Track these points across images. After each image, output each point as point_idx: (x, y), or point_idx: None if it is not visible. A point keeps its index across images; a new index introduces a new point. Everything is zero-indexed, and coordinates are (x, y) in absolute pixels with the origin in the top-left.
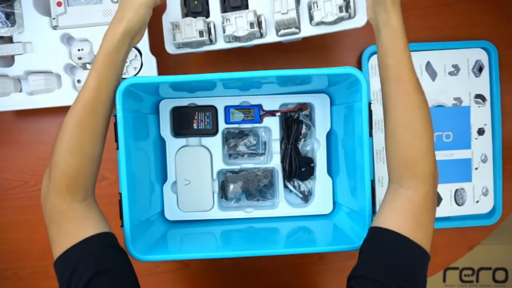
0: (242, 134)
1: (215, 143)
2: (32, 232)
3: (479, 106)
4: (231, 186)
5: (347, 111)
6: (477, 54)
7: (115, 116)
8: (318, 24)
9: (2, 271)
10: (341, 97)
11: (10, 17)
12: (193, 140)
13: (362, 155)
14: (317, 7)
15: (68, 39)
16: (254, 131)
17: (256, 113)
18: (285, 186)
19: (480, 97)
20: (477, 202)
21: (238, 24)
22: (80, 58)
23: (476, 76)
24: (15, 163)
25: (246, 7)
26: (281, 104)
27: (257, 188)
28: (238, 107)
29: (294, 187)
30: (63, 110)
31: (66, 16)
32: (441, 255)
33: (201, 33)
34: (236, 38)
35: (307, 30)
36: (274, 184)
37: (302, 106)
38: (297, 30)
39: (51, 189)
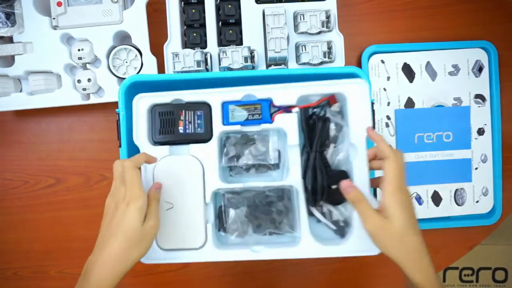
0: (246, 139)
1: (208, 152)
2: (32, 232)
3: (479, 106)
4: (232, 213)
5: None
6: (477, 54)
7: (118, 114)
8: (303, 64)
9: (2, 271)
10: None
11: (10, 17)
12: (178, 149)
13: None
14: (305, 50)
15: (68, 39)
16: (262, 136)
17: (265, 110)
18: (310, 214)
19: (480, 97)
20: (477, 202)
21: (234, 57)
22: (80, 58)
23: (476, 76)
24: (15, 163)
25: (241, 42)
26: (299, 96)
27: (269, 216)
28: (240, 103)
29: (323, 214)
30: (63, 110)
31: (66, 16)
32: (441, 255)
33: (198, 63)
34: (230, 69)
35: (293, 68)
36: (293, 210)
37: (330, 99)
38: (285, 67)
39: None
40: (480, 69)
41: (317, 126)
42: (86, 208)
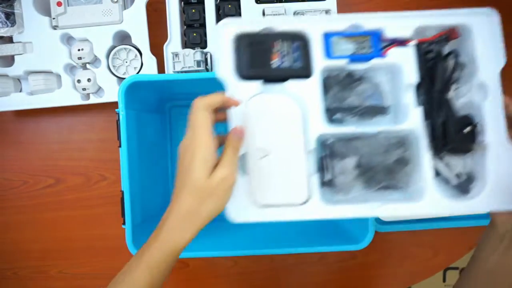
0: (351, 78)
1: (309, 90)
2: (32, 232)
3: None
4: (339, 165)
5: None
6: None
7: (118, 114)
8: None
9: (2, 271)
10: None
11: (10, 17)
12: (272, 86)
13: None
14: None
15: (68, 39)
16: (371, 74)
17: (375, 43)
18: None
19: None
20: None
21: None
22: (80, 58)
23: None
24: (15, 163)
25: None
26: (416, 27)
27: (384, 166)
28: (345, 35)
29: (448, 166)
30: (63, 110)
31: (66, 16)
32: (441, 255)
33: (198, 63)
34: None
35: None
36: (412, 160)
37: (450, 32)
38: None
39: None
40: None
41: (436, 64)
42: (86, 208)
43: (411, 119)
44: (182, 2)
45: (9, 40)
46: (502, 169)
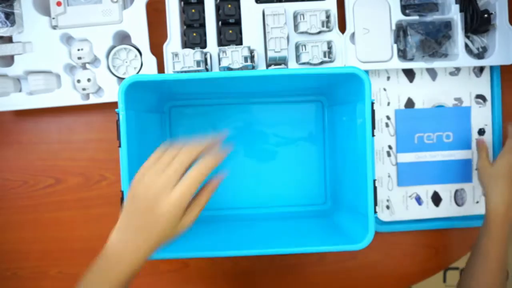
0: None
1: None
2: (32, 232)
3: (479, 107)
4: (409, 39)
5: (348, 112)
6: None
7: (118, 114)
8: (303, 63)
9: (2, 271)
10: (341, 97)
11: (10, 17)
12: None
13: (364, 156)
14: (305, 50)
15: (67, 39)
16: None
17: None
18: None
19: (480, 97)
20: (477, 202)
21: (234, 57)
22: (79, 58)
23: (477, 76)
24: (15, 163)
25: (240, 41)
26: None
27: (437, 39)
28: None
29: (471, 41)
30: (63, 110)
31: (66, 16)
32: (441, 255)
33: (198, 63)
34: (230, 69)
35: (293, 67)
36: (453, 36)
37: None
38: (285, 67)
39: None
40: (481, 69)
41: None
42: (86, 208)
43: (452, 11)
44: (182, 2)
45: (9, 40)
46: (505, 40)
